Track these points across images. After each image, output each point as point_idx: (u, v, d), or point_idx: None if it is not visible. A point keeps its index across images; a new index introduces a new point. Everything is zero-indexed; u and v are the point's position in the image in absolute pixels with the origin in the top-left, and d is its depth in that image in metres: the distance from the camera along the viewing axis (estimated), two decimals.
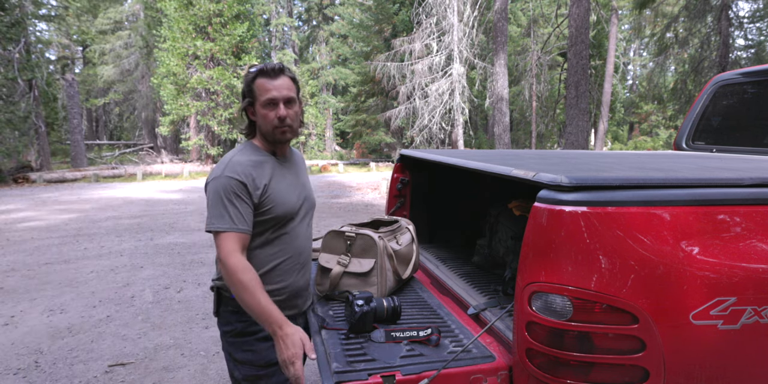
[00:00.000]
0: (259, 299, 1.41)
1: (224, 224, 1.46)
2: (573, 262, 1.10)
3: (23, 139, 14.91)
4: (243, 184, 1.49)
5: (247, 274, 1.43)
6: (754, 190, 1.23)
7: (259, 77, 1.54)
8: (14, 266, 5.36)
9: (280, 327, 1.39)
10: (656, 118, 27.73)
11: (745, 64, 15.41)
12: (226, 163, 1.53)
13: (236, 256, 1.44)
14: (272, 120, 1.55)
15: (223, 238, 1.46)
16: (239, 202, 1.48)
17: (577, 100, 9.76)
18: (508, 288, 1.80)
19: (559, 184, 1.13)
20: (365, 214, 8.90)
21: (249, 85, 1.56)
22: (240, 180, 1.49)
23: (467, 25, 16.54)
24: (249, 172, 1.52)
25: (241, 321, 1.59)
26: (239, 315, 1.58)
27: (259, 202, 1.52)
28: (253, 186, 1.51)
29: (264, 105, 1.54)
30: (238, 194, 1.48)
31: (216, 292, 1.64)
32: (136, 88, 24.70)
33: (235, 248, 1.45)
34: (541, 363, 1.16)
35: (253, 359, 1.59)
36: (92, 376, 2.96)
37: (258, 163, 1.56)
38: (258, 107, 1.56)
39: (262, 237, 1.58)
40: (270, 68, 1.54)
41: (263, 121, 1.57)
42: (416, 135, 17.56)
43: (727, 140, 2.99)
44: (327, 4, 29.70)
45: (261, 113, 1.56)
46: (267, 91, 1.53)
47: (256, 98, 1.55)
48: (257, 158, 1.58)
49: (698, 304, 1.10)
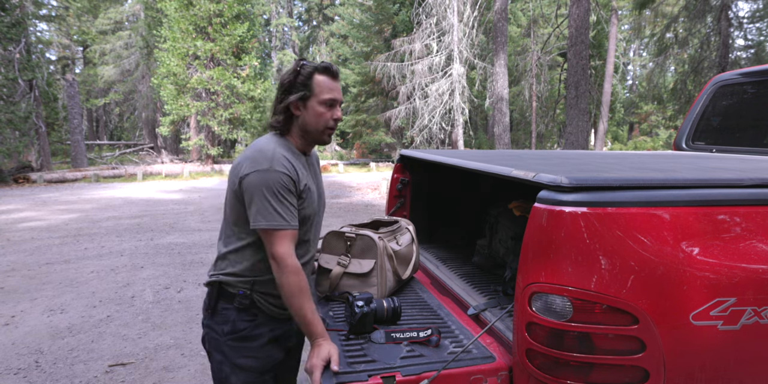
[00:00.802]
0: (311, 306, 1.39)
1: (280, 221, 1.39)
2: (573, 262, 1.11)
3: (24, 139, 14.91)
4: (293, 180, 1.43)
5: (303, 278, 1.39)
6: (754, 191, 1.23)
7: (319, 74, 1.48)
8: (15, 266, 5.36)
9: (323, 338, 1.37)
10: (656, 119, 27.74)
11: (745, 65, 15.41)
12: (271, 157, 1.42)
13: (293, 256, 1.40)
14: (327, 120, 1.51)
15: (279, 236, 1.39)
16: (291, 197, 1.43)
17: (577, 100, 9.76)
18: (508, 288, 1.80)
19: (559, 184, 1.13)
20: (365, 215, 8.90)
21: (307, 80, 1.47)
22: (290, 175, 1.42)
23: (467, 26, 16.55)
24: (295, 167, 1.46)
25: (245, 320, 1.51)
26: (244, 314, 1.51)
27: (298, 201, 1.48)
28: (299, 182, 1.46)
29: (322, 103, 1.49)
30: (290, 190, 1.42)
31: (217, 287, 1.53)
32: (137, 88, 24.71)
33: (291, 247, 1.41)
34: (541, 363, 1.16)
35: (256, 366, 1.53)
36: (92, 376, 2.96)
37: (294, 159, 1.50)
38: (313, 103, 1.49)
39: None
40: (334, 69, 1.51)
41: (316, 118, 1.50)
42: (416, 135, 17.57)
43: (726, 140, 2.99)
44: (327, 5, 29.70)
45: (316, 110, 1.49)
46: (330, 90, 1.49)
47: (314, 94, 1.48)
48: (291, 154, 1.50)
49: (698, 305, 1.10)
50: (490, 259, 2.16)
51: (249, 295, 1.50)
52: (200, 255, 5.88)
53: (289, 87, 1.49)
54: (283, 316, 1.56)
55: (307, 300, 1.39)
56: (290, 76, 1.49)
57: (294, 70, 1.49)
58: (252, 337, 1.52)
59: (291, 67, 1.51)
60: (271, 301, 1.53)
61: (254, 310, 1.52)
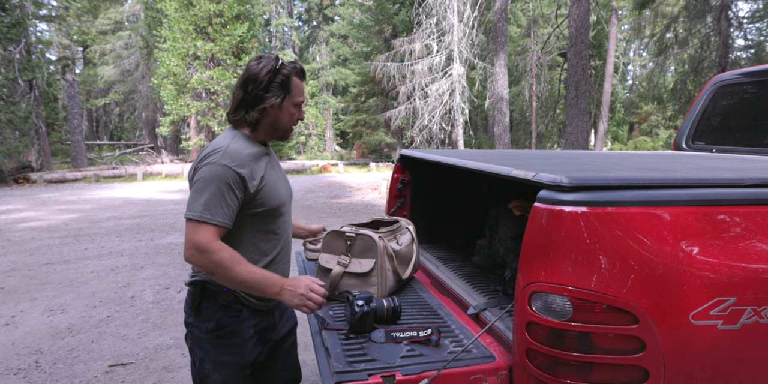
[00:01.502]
0: (253, 267, 1.42)
1: (203, 214, 1.38)
2: (573, 262, 1.11)
3: (24, 139, 14.92)
4: (241, 177, 1.42)
5: (232, 251, 1.40)
6: (753, 191, 1.23)
7: (296, 76, 1.53)
8: (15, 266, 5.36)
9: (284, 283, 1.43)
10: (656, 119, 27.73)
11: (745, 65, 15.41)
12: (223, 151, 1.43)
13: (216, 242, 1.39)
14: (296, 120, 1.59)
15: (204, 228, 1.38)
16: (231, 195, 1.41)
17: (577, 100, 9.76)
18: (508, 288, 1.80)
19: (559, 184, 1.13)
20: (365, 215, 8.90)
21: (286, 81, 1.51)
22: (238, 172, 1.42)
23: (467, 26, 16.55)
24: (247, 163, 1.46)
25: (230, 317, 1.54)
26: (228, 310, 1.53)
27: (255, 195, 1.48)
28: (251, 178, 1.46)
29: (295, 105, 1.56)
30: (232, 187, 1.41)
31: (200, 285, 1.53)
32: (137, 88, 24.71)
33: (213, 237, 1.39)
34: (541, 363, 1.16)
35: (238, 362, 1.56)
36: (92, 376, 2.96)
37: (255, 156, 1.51)
38: (288, 105, 1.54)
39: (259, 231, 1.55)
40: (303, 71, 1.56)
41: (288, 119, 1.56)
42: (416, 135, 17.57)
43: (726, 140, 2.99)
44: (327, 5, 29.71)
45: (289, 111, 1.55)
46: (301, 93, 1.56)
47: (291, 96, 1.53)
48: (253, 150, 1.52)
49: (698, 305, 1.10)
50: (490, 259, 2.16)
51: (233, 292, 1.52)
52: None
53: (267, 85, 1.49)
54: (266, 307, 1.61)
55: (247, 263, 1.41)
56: (269, 74, 1.48)
57: (273, 69, 1.49)
58: (236, 333, 1.55)
59: (267, 63, 1.48)
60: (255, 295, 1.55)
61: (238, 306, 1.55)
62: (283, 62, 1.52)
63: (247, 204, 1.48)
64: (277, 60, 1.50)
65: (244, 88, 1.50)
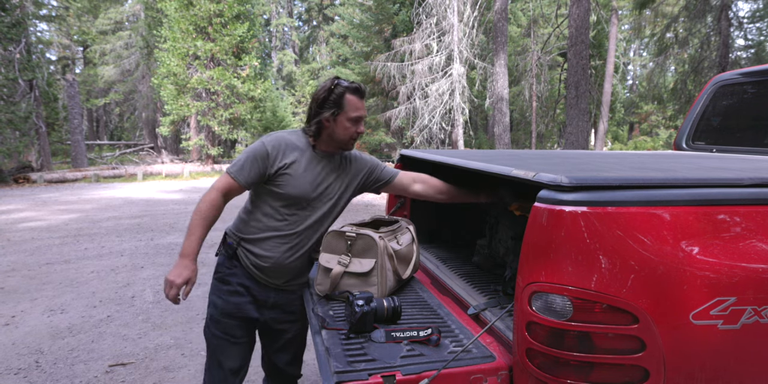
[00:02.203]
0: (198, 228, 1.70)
1: (233, 169, 1.75)
2: (573, 262, 1.11)
3: (24, 139, 14.90)
4: (268, 153, 1.74)
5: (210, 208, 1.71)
6: (754, 190, 1.23)
7: (350, 93, 1.74)
8: (15, 266, 5.36)
9: (185, 257, 1.69)
10: (656, 118, 27.73)
11: (745, 64, 15.40)
12: (274, 134, 1.81)
13: (217, 192, 1.73)
14: (352, 133, 1.79)
15: (224, 176, 1.76)
16: (254, 162, 1.73)
17: (577, 100, 9.76)
18: (508, 288, 1.80)
19: (559, 184, 1.13)
20: (366, 214, 8.91)
21: (339, 98, 1.73)
22: (267, 150, 1.74)
23: (467, 26, 16.55)
24: (280, 147, 1.76)
25: (225, 266, 1.86)
26: (228, 261, 1.86)
27: (275, 175, 1.75)
28: (275, 157, 1.74)
29: (350, 119, 1.76)
30: (257, 158, 1.74)
31: (224, 235, 1.92)
32: (137, 88, 24.71)
33: (222, 187, 1.74)
34: (541, 363, 1.16)
35: (220, 306, 1.85)
36: (93, 376, 2.96)
37: (293, 147, 1.79)
38: (342, 119, 1.75)
39: (272, 208, 1.80)
40: (362, 89, 1.78)
41: (343, 131, 1.77)
42: (416, 135, 17.56)
43: (727, 140, 2.99)
44: (327, 5, 29.70)
45: (344, 125, 1.76)
46: (358, 109, 1.76)
47: (344, 111, 1.74)
48: (298, 144, 1.80)
49: (698, 304, 1.10)
50: (490, 258, 2.16)
51: (234, 247, 1.84)
52: (200, 255, 5.88)
53: (322, 102, 1.74)
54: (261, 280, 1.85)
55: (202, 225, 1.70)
56: (324, 93, 1.73)
57: (328, 88, 1.73)
58: (224, 281, 1.86)
59: (326, 84, 1.75)
60: (252, 259, 1.82)
61: (235, 261, 1.85)
62: (339, 82, 1.74)
63: (269, 179, 1.76)
64: (334, 80, 1.75)
65: (309, 106, 1.80)
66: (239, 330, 1.87)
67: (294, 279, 1.92)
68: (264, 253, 1.81)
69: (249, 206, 1.86)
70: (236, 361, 1.89)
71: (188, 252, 1.70)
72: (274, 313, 1.92)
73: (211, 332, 1.88)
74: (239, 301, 1.85)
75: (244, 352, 1.92)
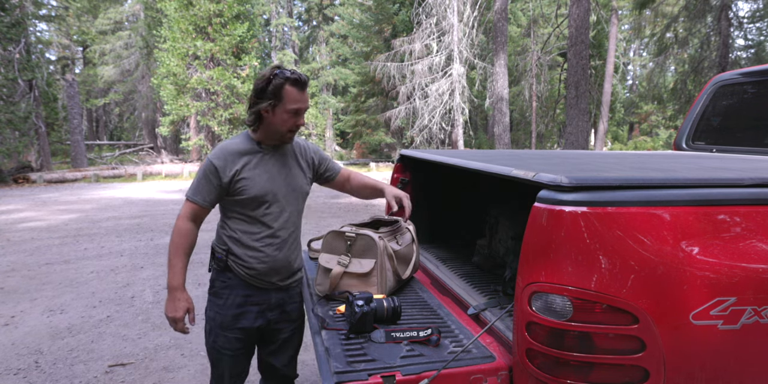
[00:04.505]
0: (177, 259, 1.73)
1: (189, 193, 1.77)
2: (573, 262, 1.10)
3: (23, 139, 14.90)
4: (216, 168, 1.72)
5: (182, 238, 1.74)
6: (754, 190, 1.23)
7: (289, 85, 1.67)
8: (14, 266, 5.36)
9: (175, 289, 1.73)
10: (656, 118, 27.72)
11: (745, 64, 15.40)
12: (217, 147, 1.79)
13: (184, 220, 1.75)
14: (291, 125, 1.74)
15: (185, 203, 1.77)
16: (206, 180, 1.74)
17: (577, 100, 9.76)
18: (508, 288, 1.80)
19: (559, 184, 1.13)
20: (365, 214, 8.90)
21: (277, 89, 1.66)
22: (215, 164, 1.73)
23: (467, 25, 16.55)
24: (226, 157, 1.74)
25: (220, 280, 1.86)
26: (221, 274, 1.85)
27: (230, 185, 1.74)
28: (224, 170, 1.73)
29: (289, 111, 1.70)
30: (208, 174, 1.73)
31: (211, 249, 1.90)
32: (136, 88, 24.70)
33: (187, 214, 1.76)
34: (541, 363, 1.16)
35: (218, 320, 1.86)
36: (92, 376, 2.96)
37: (239, 152, 1.77)
38: (280, 111, 1.70)
39: (242, 215, 1.80)
40: (302, 80, 1.70)
41: (281, 124, 1.73)
42: (416, 135, 17.56)
43: (727, 140, 2.99)
44: (327, 5, 29.70)
45: (282, 117, 1.71)
46: (296, 101, 1.70)
47: (283, 103, 1.69)
48: (243, 148, 1.78)
49: (698, 304, 1.09)
50: (490, 259, 2.16)
51: (224, 260, 1.83)
52: (200, 255, 5.88)
53: (260, 92, 1.69)
54: (259, 283, 1.84)
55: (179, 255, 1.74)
56: (263, 83, 1.68)
57: (267, 78, 1.67)
58: (219, 295, 1.85)
59: (265, 73, 1.69)
60: (245, 267, 1.81)
61: (229, 274, 1.84)
62: (279, 72, 1.67)
63: (227, 191, 1.76)
64: (274, 69, 1.68)
65: (250, 95, 1.75)
66: (239, 342, 1.87)
67: (290, 275, 1.92)
68: (254, 258, 1.80)
69: (223, 218, 1.85)
70: (237, 369, 1.94)
71: (176, 284, 1.73)
72: (275, 314, 1.92)
73: (212, 347, 1.89)
74: (237, 312, 1.84)
75: (244, 361, 1.95)
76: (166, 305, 1.70)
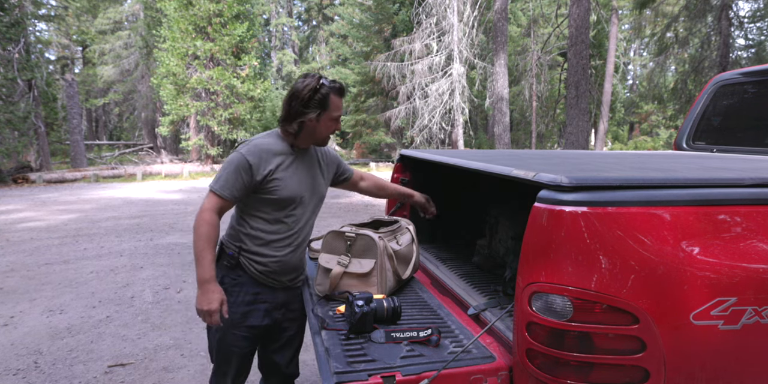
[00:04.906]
0: (206, 252, 1.68)
1: (216, 186, 1.72)
2: (573, 262, 1.10)
3: (23, 139, 14.88)
4: (250, 165, 1.71)
5: (210, 229, 1.69)
6: (754, 190, 1.23)
7: (333, 94, 1.74)
8: (14, 267, 5.35)
9: (207, 282, 1.67)
10: (656, 118, 27.73)
11: (746, 64, 15.40)
12: (251, 143, 1.78)
13: (210, 212, 1.70)
14: (332, 131, 1.81)
15: (210, 195, 1.73)
16: (237, 176, 1.71)
17: (577, 100, 9.77)
18: (508, 288, 1.80)
19: (559, 184, 1.13)
20: (365, 214, 8.90)
21: (324, 99, 1.72)
22: (249, 161, 1.71)
23: (467, 25, 16.55)
24: (261, 155, 1.74)
25: (230, 277, 1.84)
26: (230, 272, 1.84)
27: (261, 184, 1.74)
28: (258, 168, 1.72)
29: (332, 119, 1.78)
30: (241, 170, 1.71)
31: (220, 245, 1.88)
32: (136, 88, 24.68)
33: (212, 206, 1.71)
34: (541, 363, 1.16)
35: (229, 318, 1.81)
36: (92, 376, 2.96)
37: (273, 152, 1.77)
38: (325, 119, 1.76)
39: (268, 214, 1.80)
40: (344, 89, 1.79)
41: (325, 130, 1.79)
42: (416, 135, 17.56)
43: (727, 140, 2.99)
44: (327, 4, 29.69)
45: (326, 125, 1.78)
46: (339, 109, 1.78)
47: (328, 111, 1.75)
48: (277, 148, 1.79)
49: (699, 305, 1.09)
50: (490, 259, 2.16)
51: (236, 257, 1.82)
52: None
53: (307, 102, 1.72)
54: (270, 283, 1.86)
55: (209, 247, 1.69)
56: (309, 93, 1.71)
57: (314, 88, 1.71)
58: (230, 293, 1.81)
59: (310, 82, 1.72)
60: (257, 265, 1.82)
61: (239, 271, 1.84)
62: (324, 82, 1.73)
63: (257, 189, 1.75)
64: (319, 79, 1.73)
65: (289, 103, 1.75)
66: (245, 341, 1.88)
67: (299, 275, 1.97)
68: (269, 257, 1.82)
69: (241, 215, 1.84)
70: (242, 367, 1.95)
71: (207, 277, 1.69)
72: (280, 312, 1.95)
73: (218, 344, 1.90)
74: (246, 310, 1.85)
75: (249, 359, 1.97)
76: (199, 299, 1.67)
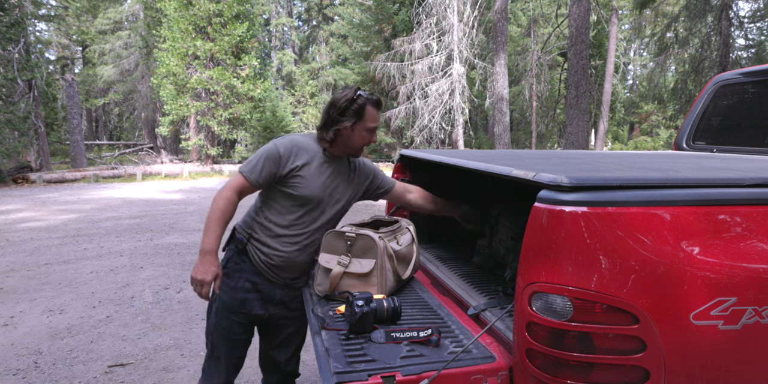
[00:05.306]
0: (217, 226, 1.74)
1: (245, 169, 1.80)
2: (573, 262, 1.10)
3: (23, 139, 14.88)
4: (280, 156, 1.80)
5: (226, 205, 1.75)
6: (754, 190, 1.23)
7: (370, 105, 1.82)
8: (14, 267, 5.36)
9: (209, 253, 1.71)
10: (656, 118, 27.73)
11: (746, 64, 15.40)
12: (287, 137, 1.89)
13: (232, 191, 1.78)
14: (367, 142, 1.88)
15: (236, 176, 1.81)
16: (267, 164, 1.79)
17: (577, 100, 9.77)
18: (508, 288, 1.79)
19: (559, 184, 1.13)
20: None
21: (361, 109, 1.79)
22: (279, 151, 1.80)
23: (467, 25, 16.55)
24: (292, 149, 1.82)
25: (234, 261, 1.90)
26: (238, 256, 1.90)
27: (286, 176, 1.81)
28: (287, 160, 1.80)
29: (367, 129, 1.84)
30: (271, 160, 1.79)
31: (233, 230, 1.96)
32: (136, 88, 24.68)
33: (236, 186, 1.79)
34: (541, 363, 1.16)
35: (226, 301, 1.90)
36: (92, 376, 2.96)
37: (305, 150, 1.85)
38: (359, 129, 1.83)
39: (285, 208, 1.86)
40: (380, 102, 1.86)
41: (359, 140, 1.85)
42: (416, 135, 17.57)
43: (727, 140, 2.99)
44: (327, 4, 29.70)
45: (361, 134, 1.84)
46: (375, 120, 1.85)
47: (363, 122, 1.82)
48: (310, 148, 1.87)
49: (699, 305, 1.09)
50: (490, 259, 2.15)
51: (244, 243, 1.89)
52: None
53: (343, 111, 1.80)
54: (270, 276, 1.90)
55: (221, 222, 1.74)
56: (346, 103, 1.79)
57: (351, 98, 1.79)
58: (230, 276, 1.89)
59: (348, 93, 1.81)
60: (262, 256, 1.87)
61: (244, 257, 1.90)
62: (361, 93, 1.81)
63: (280, 180, 1.82)
64: (357, 90, 1.81)
65: (327, 111, 1.83)
66: (240, 327, 1.92)
67: (301, 276, 1.99)
68: (274, 250, 1.87)
69: (260, 205, 1.90)
70: (235, 354, 1.98)
71: (211, 248, 1.72)
72: (279, 309, 1.97)
73: (214, 328, 1.93)
74: (245, 296, 1.89)
75: (242, 348, 1.99)
76: (196, 268, 1.70)
